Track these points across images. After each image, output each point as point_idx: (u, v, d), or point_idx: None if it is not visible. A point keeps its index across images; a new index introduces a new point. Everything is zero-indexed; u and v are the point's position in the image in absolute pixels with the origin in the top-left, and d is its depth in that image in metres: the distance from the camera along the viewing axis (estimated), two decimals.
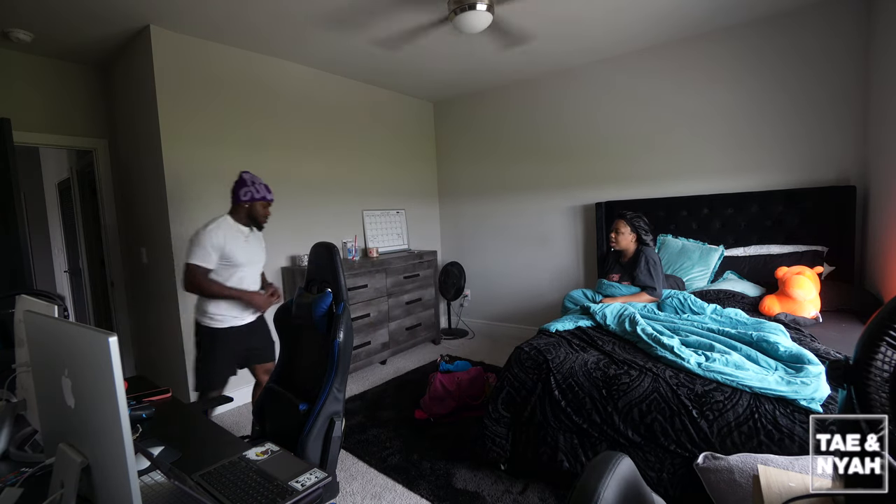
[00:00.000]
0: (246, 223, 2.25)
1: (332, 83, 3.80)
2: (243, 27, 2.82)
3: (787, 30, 2.94)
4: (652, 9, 2.84)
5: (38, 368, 1.00)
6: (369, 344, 3.69)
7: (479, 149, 4.59)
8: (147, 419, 1.36)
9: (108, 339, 0.72)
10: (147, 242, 3.14)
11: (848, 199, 2.74)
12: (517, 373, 2.12)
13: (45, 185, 4.81)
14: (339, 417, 1.47)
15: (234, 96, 3.12)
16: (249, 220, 2.26)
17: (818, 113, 2.89)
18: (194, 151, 2.92)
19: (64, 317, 1.15)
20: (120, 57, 3.09)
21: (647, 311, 2.49)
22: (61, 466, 0.86)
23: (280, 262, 3.44)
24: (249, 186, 2.22)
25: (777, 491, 0.80)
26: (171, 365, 3.05)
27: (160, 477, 0.99)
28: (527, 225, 4.33)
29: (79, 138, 3.22)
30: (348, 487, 2.12)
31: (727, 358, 1.77)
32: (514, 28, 2.98)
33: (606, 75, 3.71)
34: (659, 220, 3.43)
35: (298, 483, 0.97)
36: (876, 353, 0.64)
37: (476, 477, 2.11)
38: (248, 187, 2.21)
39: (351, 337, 1.54)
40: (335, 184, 3.86)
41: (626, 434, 1.80)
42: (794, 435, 1.51)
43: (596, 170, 3.86)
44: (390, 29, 2.92)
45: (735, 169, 3.21)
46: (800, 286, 2.35)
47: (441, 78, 4.04)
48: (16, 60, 2.92)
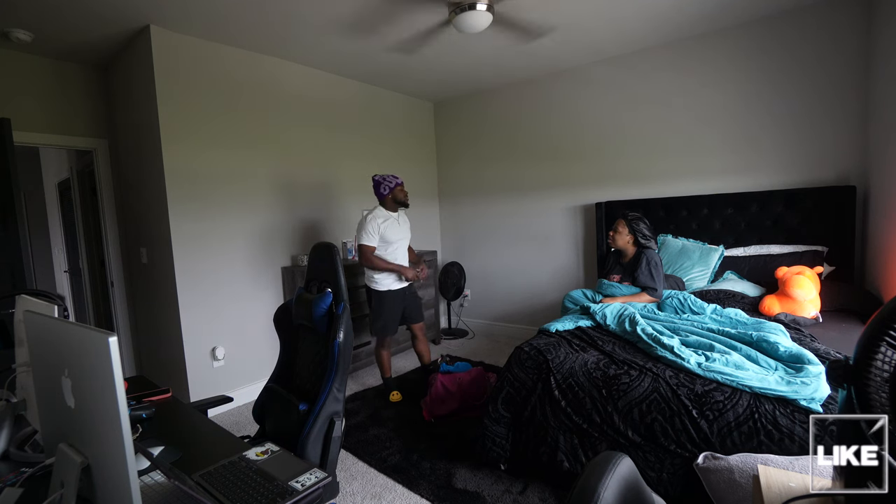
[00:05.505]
0: (394, 209, 2.99)
1: (332, 83, 3.80)
2: (244, 27, 2.82)
3: (787, 30, 2.94)
4: (652, 10, 2.84)
5: (38, 368, 1.00)
6: (369, 344, 3.69)
7: (479, 149, 4.59)
8: (147, 419, 1.36)
9: (108, 339, 0.72)
10: (147, 242, 3.14)
11: (848, 199, 2.74)
12: (517, 373, 2.12)
13: (45, 185, 4.81)
14: (339, 417, 1.47)
15: (235, 96, 3.12)
16: (397, 205, 2.99)
17: (818, 113, 2.89)
18: (194, 151, 2.92)
19: (64, 317, 1.15)
20: (120, 57, 3.09)
21: (647, 311, 2.49)
22: (61, 466, 0.86)
23: (280, 261, 3.44)
24: (383, 183, 2.94)
25: (777, 491, 0.80)
26: (172, 365, 3.05)
27: (160, 477, 0.99)
28: (527, 225, 4.33)
29: (79, 138, 3.22)
30: (348, 487, 2.12)
31: (727, 358, 1.77)
32: (513, 28, 2.98)
33: (607, 75, 3.71)
34: (659, 220, 3.43)
35: (298, 483, 0.97)
36: (876, 353, 0.64)
37: (476, 477, 2.11)
38: (383, 184, 2.93)
39: (351, 337, 1.54)
40: (335, 184, 3.86)
41: (626, 434, 1.80)
42: (794, 435, 1.51)
43: (596, 170, 3.86)
44: (390, 31, 2.92)
45: (735, 169, 3.21)
46: (800, 286, 2.35)
47: (441, 78, 4.04)
48: (16, 60, 2.91)
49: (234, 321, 3.13)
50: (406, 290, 3.05)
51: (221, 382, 3.04)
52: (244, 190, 3.19)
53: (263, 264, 3.32)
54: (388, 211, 2.96)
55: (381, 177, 2.97)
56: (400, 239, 2.99)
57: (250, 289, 3.23)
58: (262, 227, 3.30)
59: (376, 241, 2.88)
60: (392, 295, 2.98)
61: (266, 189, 3.32)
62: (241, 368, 3.16)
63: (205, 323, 2.98)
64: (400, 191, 2.96)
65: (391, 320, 3.00)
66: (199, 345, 2.95)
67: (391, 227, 2.92)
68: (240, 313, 3.17)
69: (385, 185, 2.93)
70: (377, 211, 2.93)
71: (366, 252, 2.87)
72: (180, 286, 2.85)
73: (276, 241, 3.40)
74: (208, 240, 2.99)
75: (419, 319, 3.17)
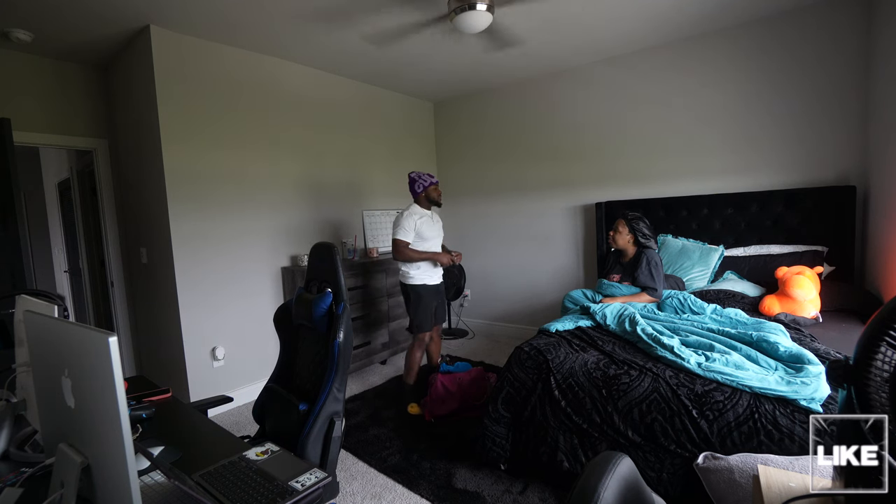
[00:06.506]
0: (427, 207, 3.00)
1: (332, 83, 3.80)
2: (244, 27, 2.82)
3: (787, 30, 2.94)
4: (652, 10, 2.84)
5: (38, 368, 1.00)
6: (369, 344, 3.69)
7: (479, 149, 4.59)
8: (147, 419, 1.36)
9: (108, 339, 0.72)
10: (147, 242, 3.14)
11: (848, 199, 2.74)
12: (517, 373, 2.12)
13: (45, 185, 4.81)
14: (339, 417, 1.47)
15: (235, 96, 3.12)
16: (430, 203, 2.99)
17: (818, 113, 2.89)
18: (194, 151, 2.92)
19: (64, 317, 1.15)
20: (120, 57, 3.09)
21: (647, 311, 2.49)
22: (61, 466, 0.86)
23: (280, 261, 3.44)
24: (418, 181, 2.95)
25: (777, 491, 0.80)
26: (172, 365, 3.05)
27: (160, 477, 0.99)
28: (527, 225, 4.33)
29: (79, 138, 3.22)
30: (348, 487, 2.12)
31: (727, 358, 1.77)
32: (513, 28, 2.98)
33: (607, 75, 3.71)
34: (659, 220, 3.43)
35: (298, 483, 0.97)
36: (876, 353, 0.64)
37: (476, 477, 2.11)
38: (418, 181, 2.95)
39: (351, 337, 1.54)
40: (335, 184, 3.86)
41: (626, 434, 1.80)
42: (794, 435, 1.51)
43: (596, 170, 3.86)
44: (389, 27, 2.92)
45: (735, 169, 3.21)
46: (800, 286, 2.35)
47: (441, 78, 4.04)
48: (16, 60, 2.91)
49: (234, 321, 3.13)
50: (440, 287, 3.06)
51: (221, 382, 3.04)
52: (244, 190, 3.18)
53: (263, 264, 3.32)
54: (422, 209, 2.97)
55: (416, 174, 2.98)
56: (434, 237, 2.99)
57: (250, 289, 3.23)
58: (262, 226, 3.30)
59: (411, 237, 2.88)
60: (428, 290, 2.96)
61: (266, 189, 3.32)
62: (241, 368, 3.16)
63: (205, 323, 2.98)
64: (434, 190, 2.97)
65: (427, 316, 2.96)
66: (199, 345, 2.95)
67: (426, 224, 2.93)
68: (240, 313, 3.17)
69: (420, 182, 2.94)
70: (413, 208, 2.95)
71: (399, 246, 2.86)
72: (180, 286, 2.85)
73: (276, 241, 3.40)
74: (208, 240, 2.99)
75: (442, 320, 3.16)
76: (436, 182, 2.98)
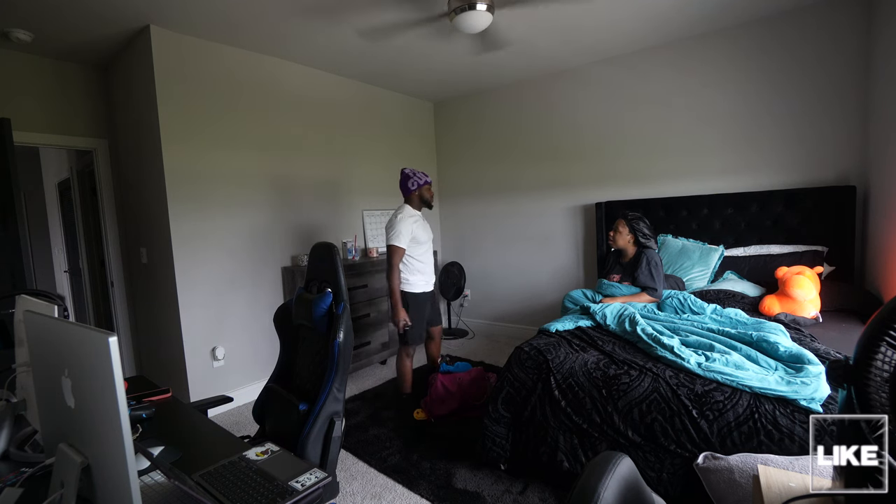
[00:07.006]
0: (419, 207, 2.81)
1: (332, 83, 3.80)
2: (244, 27, 2.82)
3: (787, 30, 2.94)
4: (652, 10, 2.84)
5: (38, 368, 1.00)
6: (369, 344, 3.69)
7: (479, 149, 4.59)
8: (147, 419, 1.36)
9: (108, 339, 0.72)
10: (147, 242, 3.14)
11: (848, 199, 2.74)
12: (517, 373, 2.12)
13: (45, 185, 4.81)
14: (339, 417, 1.47)
15: (235, 96, 3.12)
16: (421, 203, 2.81)
17: (818, 113, 2.89)
18: (194, 151, 2.92)
19: (64, 317, 1.15)
20: (120, 57, 3.09)
21: (647, 311, 2.49)
22: (61, 466, 0.86)
23: (280, 261, 3.44)
24: (413, 178, 2.76)
25: (777, 491, 0.80)
26: (172, 365, 3.05)
27: (160, 477, 0.99)
28: (527, 225, 4.33)
29: (79, 138, 3.22)
30: (348, 487, 2.12)
31: (727, 358, 1.77)
32: (513, 28, 2.98)
33: (607, 75, 3.71)
34: (659, 220, 3.43)
35: (298, 483, 0.97)
36: (876, 353, 0.64)
37: (476, 477, 2.11)
38: (413, 178, 2.76)
39: (351, 337, 1.54)
40: (335, 184, 3.86)
41: (626, 434, 1.80)
42: (794, 435, 1.51)
43: (596, 170, 3.86)
44: (387, 24, 2.92)
45: (735, 169, 3.21)
46: (800, 286, 2.35)
47: (441, 78, 4.04)
48: (16, 60, 2.91)
49: (233, 321, 3.13)
50: (432, 293, 2.92)
51: (221, 382, 3.04)
52: (244, 190, 3.18)
53: (263, 264, 3.32)
54: (414, 209, 2.79)
55: (411, 171, 2.79)
56: (427, 240, 2.82)
57: (250, 289, 3.23)
58: (262, 227, 3.30)
59: (406, 243, 2.66)
60: (423, 297, 2.80)
61: (266, 189, 3.32)
62: (241, 368, 3.17)
63: (205, 323, 2.98)
64: (427, 190, 2.79)
65: (421, 325, 2.80)
66: (199, 345, 2.95)
67: (420, 227, 2.76)
68: (240, 313, 3.17)
69: (414, 180, 2.75)
70: (406, 209, 2.74)
71: (395, 253, 2.65)
72: (180, 286, 2.85)
73: (276, 241, 3.40)
74: (208, 240, 2.99)
75: (439, 322, 3.04)
76: (430, 181, 2.83)
